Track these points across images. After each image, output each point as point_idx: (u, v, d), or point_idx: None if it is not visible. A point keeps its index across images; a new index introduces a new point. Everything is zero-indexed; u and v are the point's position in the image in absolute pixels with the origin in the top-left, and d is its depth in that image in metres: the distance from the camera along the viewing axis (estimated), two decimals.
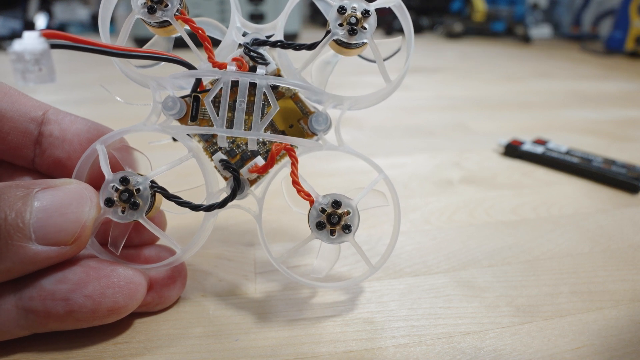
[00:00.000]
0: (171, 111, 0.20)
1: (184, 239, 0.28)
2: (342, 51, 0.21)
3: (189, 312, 0.22)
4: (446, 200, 0.35)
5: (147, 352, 0.19)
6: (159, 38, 0.22)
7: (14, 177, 0.21)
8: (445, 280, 0.25)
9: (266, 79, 0.20)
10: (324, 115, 0.21)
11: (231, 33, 0.21)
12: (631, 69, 1.03)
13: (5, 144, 0.20)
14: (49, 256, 0.17)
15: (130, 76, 0.21)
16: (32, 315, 0.17)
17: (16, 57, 0.15)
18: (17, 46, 0.15)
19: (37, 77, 0.16)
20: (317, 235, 0.20)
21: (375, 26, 0.20)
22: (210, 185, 0.21)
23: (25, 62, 0.15)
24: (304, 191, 0.20)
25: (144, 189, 0.19)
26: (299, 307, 0.23)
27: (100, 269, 0.19)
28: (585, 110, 0.65)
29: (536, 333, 0.21)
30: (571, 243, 0.29)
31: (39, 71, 0.16)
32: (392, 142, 0.49)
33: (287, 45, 0.20)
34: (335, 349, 0.20)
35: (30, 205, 0.17)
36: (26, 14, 1.31)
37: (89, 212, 0.18)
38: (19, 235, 0.16)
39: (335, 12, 0.20)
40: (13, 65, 0.15)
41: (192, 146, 0.21)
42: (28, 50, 0.15)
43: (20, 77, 0.16)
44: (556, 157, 0.42)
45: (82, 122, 0.21)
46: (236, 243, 0.28)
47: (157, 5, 0.19)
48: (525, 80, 0.86)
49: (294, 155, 0.20)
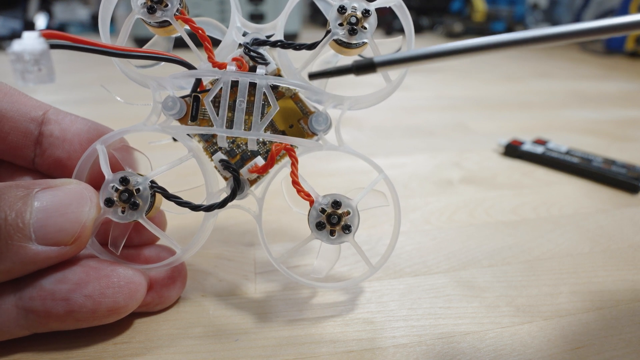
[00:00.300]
0: (171, 111, 0.20)
1: (184, 239, 0.28)
2: (343, 51, 0.21)
3: (189, 312, 0.22)
4: (446, 200, 0.35)
5: (147, 352, 0.19)
6: (159, 38, 0.22)
7: (14, 177, 0.21)
8: (445, 280, 0.25)
9: (266, 78, 0.20)
10: (324, 115, 0.21)
11: (231, 33, 0.21)
12: (631, 69, 1.03)
13: (6, 144, 0.20)
14: (49, 256, 0.17)
15: (131, 76, 0.21)
16: (32, 315, 0.17)
17: (15, 57, 0.15)
18: (16, 46, 0.15)
19: (37, 77, 0.16)
20: (317, 235, 0.20)
21: (375, 26, 0.20)
22: (210, 185, 0.21)
23: (25, 62, 0.15)
24: (304, 191, 0.20)
25: (144, 189, 0.19)
26: (299, 307, 0.23)
27: (101, 269, 0.19)
28: (585, 110, 0.65)
29: (536, 333, 0.21)
30: (571, 243, 0.29)
31: (39, 71, 0.16)
32: (392, 142, 0.49)
33: (287, 45, 0.20)
34: (335, 349, 0.20)
35: (31, 205, 0.17)
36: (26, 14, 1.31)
37: (88, 212, 0.18)
38: (19, 235, 0.16)
39: (336, 11, 0.20)
40: (12, 65, 0.15)
41: (192, 146, 0.21)
42: (27, 51, 0.15)
43: (19, 77, 0.16)
44: (556, 157, 0.42)
45: (82, 122, 0.21)
46: (236, 243, 0.28)
47: (157, 5, 0.19)
48: (525, 80, 0.86)
49: (294, 155, 0.20)
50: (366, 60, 0.16)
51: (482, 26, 1.61)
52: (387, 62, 0.16)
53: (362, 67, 0.16)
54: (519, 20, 1.61)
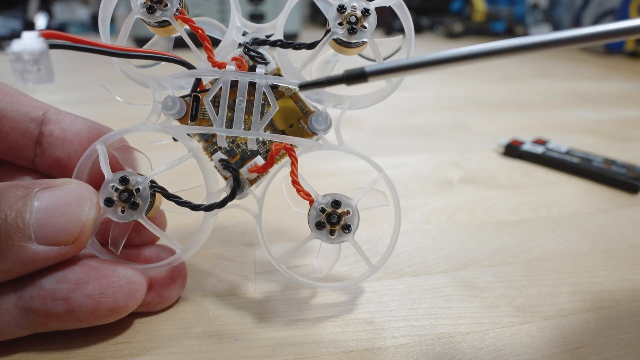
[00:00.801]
0: (171, 111, 0.20)
1: (184, 238, 0.28)
2: (342, 50, 0.21)
3: (189, 312, 0.22)
4: (446, 200, 0.35)
5: (147, 352, 0.19)
6: (159, 38, 0.22)
7: (14, 177, 0.21)
8: (445, 280, 0.25)
9: (265, 78, 0.20)
10: (324, 114, 0.21)
11: (231, 32, 0.21)
12: (631, 69, 1.03)
13: (6, 144, 0.20)
14: (49, 256, 0.17)
15: (131, 76, 0.21)
16: (33, 314, 0.17)
17: (15, 57, 0.15)
18: (15, 46, 0.15)
19: (36, 77, 0.16)
20: (316, 235, 0.20)
21: (375, 25, 0.20)
22: (210, 185, 0.21)
23: (24, 62, 0.15)
24: (303, 191, 0.20)
25: (144, 189, 0.19)
26: (299, 307, 0.23)
27: (101, 268, 0.19)
28: (585, 110, 0.65)
29: (536, 333, 0.21)
30: (571, 243, 0.29)
31: (38, 71, 0.16)
32: (392, 142, 0.49)
33: (287, 45, 0.20)
34: (335, 349, 0.20)
35: (30, 205, 0.17)
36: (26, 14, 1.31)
37: (88, 212, 0.18)
38: (19, 235, 0.16)
39: (335, 11, 0.20)
40: (12, 65, 0.15)
41: (192, 146, 0.21)
42: (27, 51, 0.15)
43: (19, 77, 0.16)
44: (556, 157, 0.42)
45: (82, 121, 0.21)
46: (236, 243, 0.28)
47: (157, 5, 0.19)
48: (525, 80, 0.86)
49: (293, 155, 0.20)
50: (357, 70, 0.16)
51: (482, 26, 1.61)
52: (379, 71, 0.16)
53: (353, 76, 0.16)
54: (519, 20, 1.61)
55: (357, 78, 0.16)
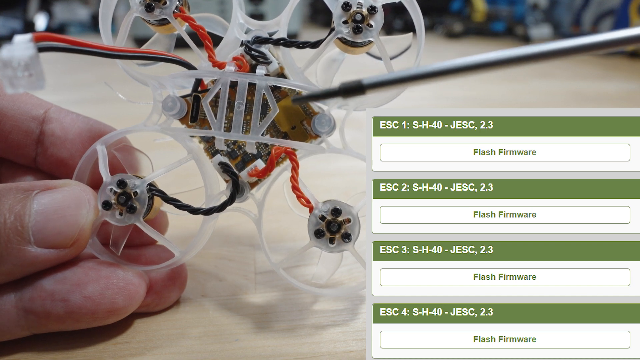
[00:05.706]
0: (171, 111, 0.20)
1: (184, 240, 0.28)
2: (348, 50, 0.20)
3: (189, 313, 0.22)
4: None
5: (147, 352, 0.19)
6: (160, 35, 0.21)
7: (16, 175, 0.21)
8: None
9: (265, 79, 0.19)
10: (328, 116, 0.20)
11: (233, 30, 0.21)
12: (631, 69, 1.03)
13: (7, 142, 0.20)
14: (48, 259, 0.17)
15: (131, 74, 0.20)
16: (32, 315, 0.17)
17: (2, 64, 0.14)
18: (4, 53, 0.14)
19: (28, 82, 0.15)
20: (315, 243, 0.19)
21: (382, 23, 0.19)
22: (210, 188, 0.21)
23: (14, 68, 0.15)
24: (303, 197, 0.19)
25: (141, 192, 0.19)
26: (299, 308, 0.23)
27: (100, 269, 0.19)
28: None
29: None
30: None
31: (29, 77, 0.15)
32: None
33: (290, 43, 0.20)
34: (335, 349, 0.20)
35: (29, 208, 0.17)
36: (26, 14, 1.31)
37: (86, 215, 0.18)
38: (18, 238, 0.16)
39: (340, 8, 0.19)
40: (1, 72, 0.15)
41: (192, 147, 0.20)
42: (15, 57, 0.15)
43: (7, 84, 0.15)
44: None
45: (83, 120, 0.21)
46: (236, 244, 0.28)
47: (155, 3, 0.19)
48: (525, 80, 0.85)
49: (294, 159, 0.20)
50: (354, 82, 0.15)
51: (482, 26, 1.61)
52: (377, 83, 0.15)
53: (350, 89, 0.15)
54: (519, 20, 1.60)
55: (354, 91, 0.15)
